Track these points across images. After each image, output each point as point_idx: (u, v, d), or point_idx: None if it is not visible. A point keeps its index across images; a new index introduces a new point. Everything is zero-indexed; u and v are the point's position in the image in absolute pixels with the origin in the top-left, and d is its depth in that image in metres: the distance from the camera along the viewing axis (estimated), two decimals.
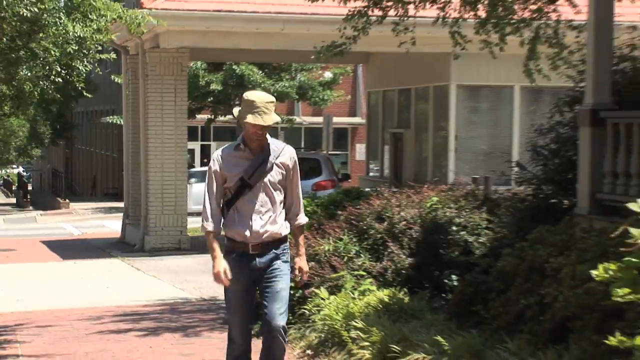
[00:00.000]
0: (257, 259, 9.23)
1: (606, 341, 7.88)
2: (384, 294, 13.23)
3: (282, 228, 9.36)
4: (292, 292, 14.39)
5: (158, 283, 22.19)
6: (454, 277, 13.31)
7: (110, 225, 40.85)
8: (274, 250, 9.31)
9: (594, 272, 7.95)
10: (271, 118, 9.19)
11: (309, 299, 13.91)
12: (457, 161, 31.98)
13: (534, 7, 20.27)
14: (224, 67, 45.69)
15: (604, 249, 8.94)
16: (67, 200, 62.38)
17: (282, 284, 9.28)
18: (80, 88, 21.86)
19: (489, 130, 32.62)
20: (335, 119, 56.25)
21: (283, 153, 9.30)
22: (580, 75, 14.04)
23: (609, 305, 8.21)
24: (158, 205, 30.93)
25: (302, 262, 9.48)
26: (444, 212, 14.60)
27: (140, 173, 32.65)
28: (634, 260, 7.50)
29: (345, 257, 14.48)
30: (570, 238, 11.09)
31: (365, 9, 20.61)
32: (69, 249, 33.01)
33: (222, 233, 9.42)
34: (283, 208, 9.53)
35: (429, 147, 34.18)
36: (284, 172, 9.27)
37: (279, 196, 9.32)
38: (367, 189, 19.91)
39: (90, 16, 25.97)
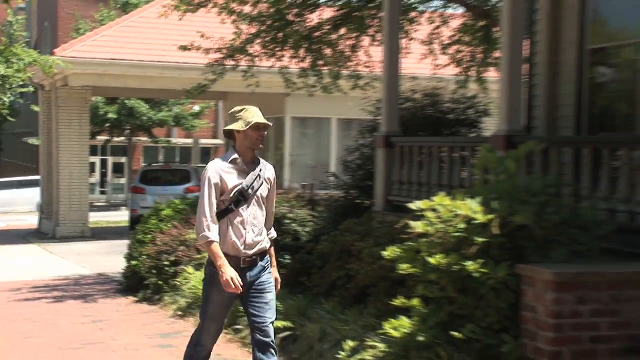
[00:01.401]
0: (248, 273, 7.71)
1: (393, 302, 8.21)
2: None
3: (266, 241, 8.04)
4: (167, 267, 14.55)
5: (66, 263, 21.95)
6: (287, 257, 13.42)
7: (30, 219, 40.19)
8: (261, 263, 7.90)
9: (385, 253, 8.30)
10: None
11: (180, 274, 14.00)
12: (291, 173, 32.51)
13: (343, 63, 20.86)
14: (118, 101, 45.41)
15: (392, 236, 9.15)
16: None
17: (272, 295, 7.95)
18: (5, 115, 22.12)
19: (314, 150, 33.24)
20: (202, 141, 56.47)
21: (268, 169, 8.03)
22: (378, 111, 14.33)
23: (395, 276, 8.49)
24: (66, 204, 31.24)
25: (276, 273, 8.14)
26: (280, 209, 14.73)
27: (53, 180, 32.60)
28: (412, 244, 7.84)
29: None
30: (370, 228, 11.33)
31: (222, 60, 20.95)
32: None
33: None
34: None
35: (270, 161, 34.51)
36: (269, 187, 7.99)
37: (264, 210, 7.96)
38: None
39: (12, 60, 26.46)
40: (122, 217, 37.66)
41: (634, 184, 8.74)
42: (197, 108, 51.18)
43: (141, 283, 14.94)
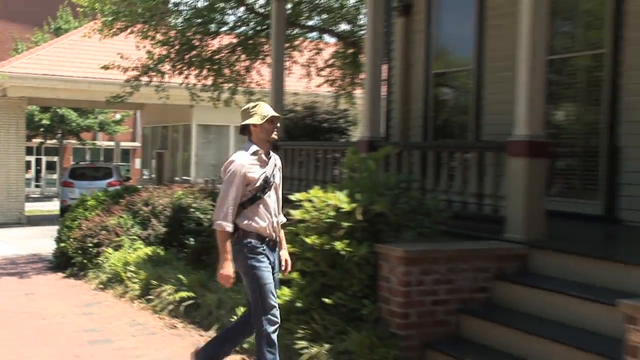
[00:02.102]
0: (276, 250, 7.07)
1: (282, 276, 8.25)
2: (148, 250, 13.19)
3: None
4: (90, 248, 14.43)
5: (4, 245, 21.31)
6: (191, 239, 13.37)
7: None
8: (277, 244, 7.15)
9: None
10: None
11: (101, 254, 13.91)
12: (196, 170, 32.48)
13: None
14: (50, 109, 44.61)
15: None
16: None
17: (277, 274, 7.18)
18: None
19: (215, 152, 33.08)
20: (122, 143, 55.78)
21: (277, 158, 7.28)
22: None
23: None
24: (5, 195, 30.33)
25: (286, 255, 7.31)
26: (186, 200, 14.65)
27: None
28: (292, 228, 7.90)
29: (125, 228, 14.43)
30: None
31: (138, 76, 20.84)
32: None
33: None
34: None
35: (179, 161, 34.52)
36: (280, 175, 7.28)
37: (279, 195, 7.21)
38: (140, 187, 19.83)
39: None
40: (53, 206, 36.90)
41: (465, 180, 9.00)
42: (118, 116, 50.71)
43: (69, 262, 14.75)
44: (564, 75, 11.07)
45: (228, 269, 6.77)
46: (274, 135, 7.10)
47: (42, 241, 19.81)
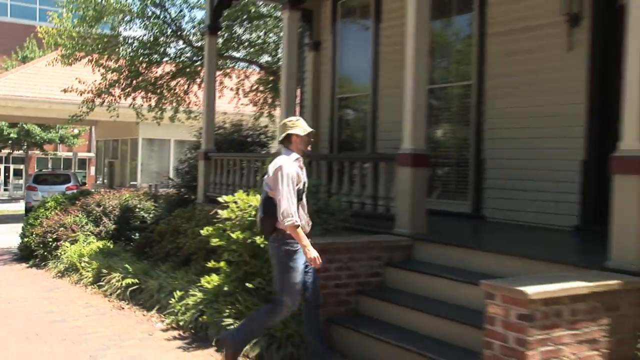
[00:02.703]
0: None
1: (207, 265, 8.27)
2: (100, 244, 13.02)
3: None
4: (50, 242, 14.17)
5: None
6: (136, 234, 13.29)
7: None
8: None
9: (202, 231, 8.33)
10: None
11: (59, 248, 13.69)
12: (142, 177, 32.10)
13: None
14: (18, 124, 43.69)
15: (208, 220, 9.07)
16: None
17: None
18: None
19: (158, 161, 32.85)
20: (79, 154, 54.75)
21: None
22: (200, 135, 14.27)
23: (209, 247, 8.51)
24: None
25: None
26: (132, 201, 14.55)
27: None
28: (220, 225, 7.89)
29: (80, 225, 14.21)
30: (193, 214, 11.21)
31: (92, 98, 20.61)
32: None
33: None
34: None
35: (128, 169, 34.13)
36: None
37: None
38: (93, 190, 19.61)
39: None
40: (19, 207, 36.16)
41: (363, 185, 9.10)
42: (76, 131, 49.92)
43: (31, 254, 14.47)
44: (441, 101, 11.29)
45: (312, 252, 6.37)
46: (309, 147, 6.88)
47: (9, 237, 19.34)
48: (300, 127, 6.68)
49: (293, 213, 6.30)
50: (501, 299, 5.14)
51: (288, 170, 6.41)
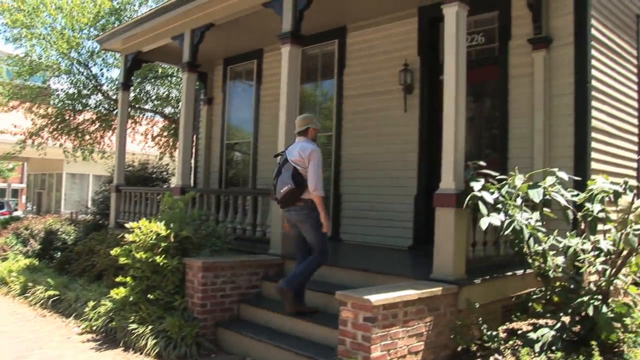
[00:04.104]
0: None
1: (116, 280, 7.97)
2: (27, 261, 12.28)
3: None
4: None
5: None
6: (58, 253, 12.69)
7: None
8: None
9: (112, 251, 8.02)
10: None
11: None
12: (65, 205, 30.74)
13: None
14: None
15: (117, 242, 8.79)
16: None
17: None
18: None
19: (79, 192, 31.58)
20: (13, 184, 51.93)
21: None
22: (113, 171, 13.80)
23: (118, 265, 8.20)
24: None
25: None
26: (55, 226, 13.87)
27: None
28: (127, 246, 7.62)
29: (10, 245, 13.42)
30: (105, 237, 10.83)
31: (24, 139, 19.74)
32: None
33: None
34: None
35: (53, 198, 32.58)
36: None
37: None
38: (23, 216, 18.74)
39: None
40: None
41: (245, 214, 9.04)
42: (11, 165, 47.58)
43: None
44: None
45: (328, 221, 6.47)
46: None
47: None
48: (315, 122, 6.73)
49: (321, 187, 6.35)
50: (351, 305, 5.22)
51: (319, 155, 6.44)
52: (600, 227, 5.98)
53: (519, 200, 5.96)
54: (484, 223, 5.69)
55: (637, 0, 9.37)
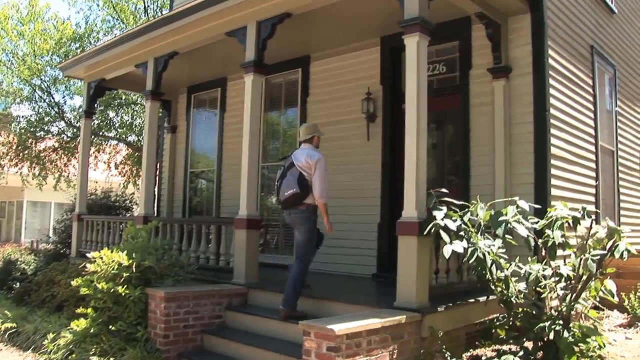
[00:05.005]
0: None
1: (77, 311, 7.78)
2: None
3: None
4: None
5: None
6: (17, 284, 12.37)
7: None
8: None
9: (73, 282, 7.87)
10: None
11: None
12: (25, 234, 29.97)
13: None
14: None
15: (79, 272, 8.63)
16: None
17: None
18: None
19: (40, 220, 30.55)
20: None
21: None
22: (75, 200, 13.56)
23: (80, 295, 8.08)
24: None
25: None
26: (14, 255, 13.55)
27: None
28: (89, 277, 7.49)
29: None
30: (67, 267, 10.61)
31: None
32: None
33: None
34: None
35: (14, 227, 31.77)
36: None
37: None
38: None
39: None
40: None
41: (209, 243, 8.96)
42: None
43: None
44: (273, 174, 11.36)
45: (331, 224, 6.84)
46: None
47: None
48: (319, 131, 7.07)
49: (326, 194, 6.65)
50: (315, 335, 5.18)
51: (325, 163, 6.71)
52: (560, 252, 6.06)
53: (480, 228, 6.03)
54: (447, 251, 5.73)
55: (589, 32, 9.67)
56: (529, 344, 5.96)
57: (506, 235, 5.95)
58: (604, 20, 10.41)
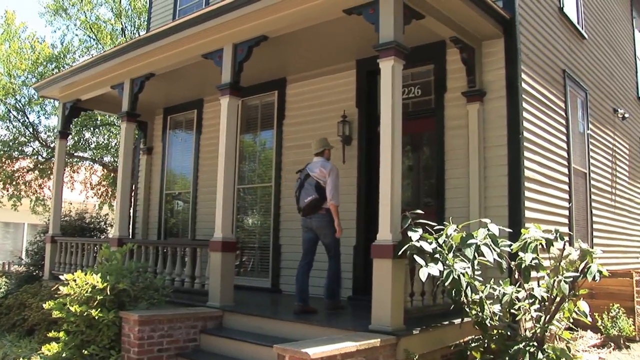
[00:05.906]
0: None
1: (49, 334, 7.67)
2: None
3: None
4: None
5: None
6: None
7: None
8: None
9: (45, 305, 7.74)
10: None
11: None
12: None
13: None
14: None
15: (51, 294, 8.56)
16: None
17: None
18: None
19: (13, 242, 29.88)
20: None
21: None
22: (49, 221, 13.36)
23: (52, 319, 7.97)
24: None
25: None
26: None
27: None
28: (61, 300, 7.37)
29: None
30: (39, 290, 10.49)
31: None
32: None
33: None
34: None
35: None
36: None
37: None
38: None
39: None
40: None
41: (184, 266, 8.89)
42: None
43: None
44: (250, 197, 11.35)
45: (341, 226, 7.49)
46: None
47: None
48: (329, 145, 7.77)
49: (338, 199, 7.44)
50: (289, 358, 5.16)
51: (337, 171, 7.52)
52: (534, 274, 6.11)
53: (452, 250, 6.06)
54: (423, 274, 5.74)
55: (562, 56, 9.85)
56: None
57: (480, 257, 5.99)
58: (575, 45, 10.61)
